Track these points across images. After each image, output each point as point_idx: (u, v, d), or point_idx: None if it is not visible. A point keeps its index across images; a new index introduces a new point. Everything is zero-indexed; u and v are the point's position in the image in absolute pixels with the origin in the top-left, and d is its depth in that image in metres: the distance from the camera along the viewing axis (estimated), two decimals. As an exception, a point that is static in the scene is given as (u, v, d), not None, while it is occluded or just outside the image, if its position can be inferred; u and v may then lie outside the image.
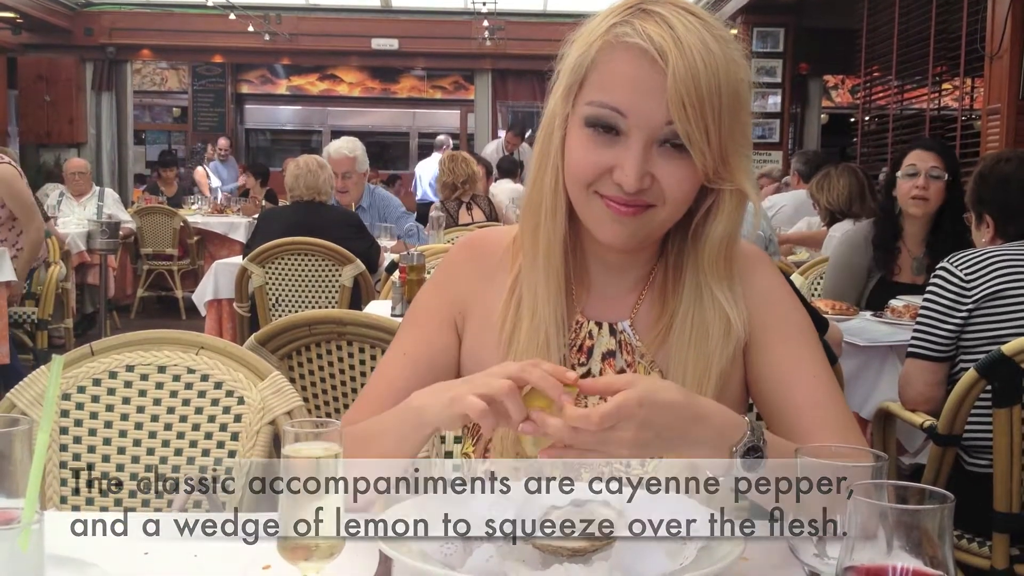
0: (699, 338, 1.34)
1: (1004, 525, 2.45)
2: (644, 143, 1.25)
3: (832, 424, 1.34)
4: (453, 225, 5.98)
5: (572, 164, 1.31)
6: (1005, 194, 2.94)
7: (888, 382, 3.16)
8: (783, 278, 1.48)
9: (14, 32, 12.99)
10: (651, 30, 1.24)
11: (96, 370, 1.80)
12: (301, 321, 2.59)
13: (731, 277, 1.36)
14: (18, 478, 0.99)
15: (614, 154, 1.27)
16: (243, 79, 16.88)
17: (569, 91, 1.31)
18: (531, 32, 13.26)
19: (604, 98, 1.27)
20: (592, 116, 1.28)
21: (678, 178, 1.28)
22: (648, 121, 1.25)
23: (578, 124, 1.30)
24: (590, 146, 1.29)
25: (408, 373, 1.43)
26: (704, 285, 1.35)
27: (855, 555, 0.85)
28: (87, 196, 8.48)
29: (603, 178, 1.29)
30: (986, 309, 2.68)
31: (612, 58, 1.27)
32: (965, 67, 7.08)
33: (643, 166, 1.26)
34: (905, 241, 3.78)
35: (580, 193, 1.32)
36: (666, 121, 1.24)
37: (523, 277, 1.39)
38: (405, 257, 3.57)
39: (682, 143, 1.25)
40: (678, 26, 1.24)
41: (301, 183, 4.95)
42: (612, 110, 1.26)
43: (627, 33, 1.25)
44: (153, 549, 1.24)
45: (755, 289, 1.41)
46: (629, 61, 1.25)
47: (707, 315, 1.35)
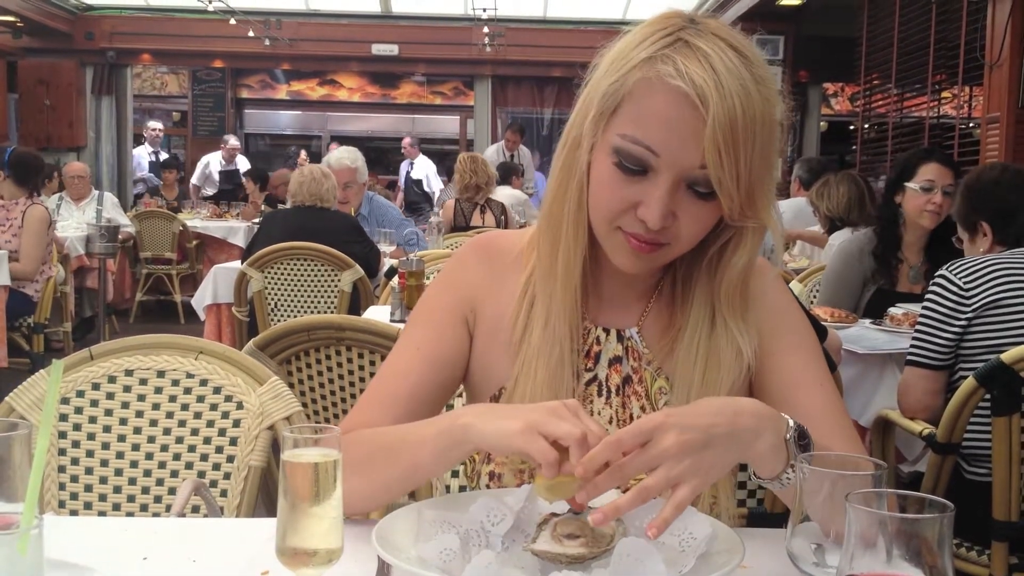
0: (708, 363, 1.34)
1: (1003, 533, 2.46)
2: (673, 183, 1.24)
3: (838, 433, 1.35)
4: (465, 225, 6.12)
5: (597, 199, 1.30)
6: (997, 198, 2.95)
7: (887, 390, 3.16)
8: (786, 286, 1.49)
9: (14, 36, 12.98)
10: (693, 72, 1.21)
11: (95, 374, 1.80)
12: (300, 326, 2.59)
13: (746, 307, 1.36)
14: (17, 482, 0.99)
15: (641, 190, 1.26)
16: (243, 84, 16.88)
17: (600, 118, 1.28)
18: (531, 38, 13.27)
19: (638, 134, 1.24)
20: (623, 149, 1.25)
21: (698, 218, 1.27)
22: (680, 163, 1.23)
23: (606, 152, 1.28)
24: (617, 180, 1.27)
25: (423, 368, 1.42)
26: (717, 313, 1.35)
27: (855, 564, 0.85)
28: (86, 200, 8.48)
29: (627, 213, 1.28)
30: (985, 317, 2.68)
31: (650, 95, 1.24)
32: (964, 75, 7.09)
33: (669, 205, 1.25)
34: (903, 250, 3.79)
35: (603, 227, 1.31)
36: (699, 165, 1.22)
37: (538, 282, 1.39)
38: (404, 263, 3.58)
39: (707, 190, 1.24)
40: (720, 67, 1.21)
41: (304, 189, 5.07)
42: (645, 148, 1.24)
43: (669, 73, 1.22)
44: (152, 554, 1.24)
45: (767, 304, 1.41)
46: (668, 102, 1.22)
47: (718, 342, 1.34)
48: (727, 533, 1.16)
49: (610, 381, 1.40)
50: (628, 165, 1.25)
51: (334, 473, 1.02)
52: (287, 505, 1.01)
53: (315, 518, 1.01)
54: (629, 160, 1.25)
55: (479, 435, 1.15)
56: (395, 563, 1.08)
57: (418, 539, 1.15)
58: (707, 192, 1.25)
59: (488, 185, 6.40)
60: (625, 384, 1.40)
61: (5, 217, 5.93)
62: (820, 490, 0.99)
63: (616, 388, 1.40)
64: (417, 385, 1.41)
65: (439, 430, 1.21)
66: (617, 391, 1.40)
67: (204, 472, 1.80)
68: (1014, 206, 2.92)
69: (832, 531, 0.99)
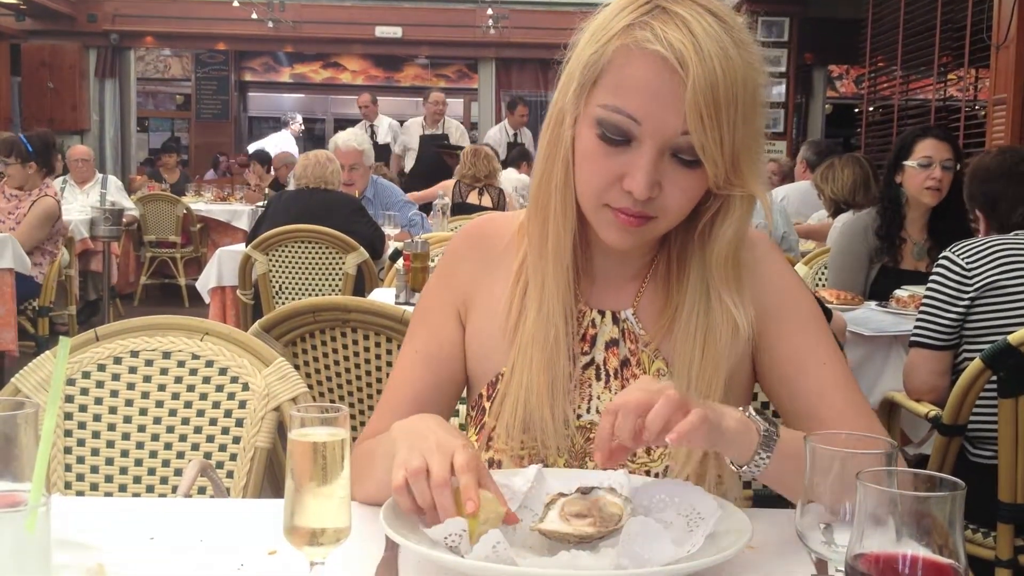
0: (707, 339, 1.33)
1: (1009, 515, 2.46)
2: (657, 151, 1.23)
3: (851, 409, 1.35)
4: (461, 203, 6.12)
5: (583, 174, 1.29)
6: (987, 185, 2.98)
7: (893, 372, 3.16)
8: (789, 265, 1.48)
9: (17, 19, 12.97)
10: (671, 36, 1.19)
11: (101, 355, 1.80)
12: (305, 308, 2.59)
13: (739, 278, 1.35)
14: (24, 462, 0.99)
15: (625, 160, 1.24)
16: (246, 67, 16.86)
17: (582, 90, 1.27)
18: (535, 21, 13.23)
19: (619, 103, 1.23)
20: (606, 120, 1.24)
21: (684, 188, 1.26)
22: (663, 130, 1.22)
23: (589, 124, 1.26)
24: (601, 152, 1.25)
25: (423, 371, 1.43)
26: (712, 287, 1.33)
27: (864, 542, 0.85)
28: (90, 183, 8.47)
29: (613, 186, 1.26)
30: (987, 298, 2.68)
31: (629, 62, 1.22)
32: (971, 57, 7.06)
33: (654, 174, 1.23)
34: (906, 227, 3.80)
35: (590, 203, 1.30)
36: (681, 131, 1.21)
37: (529, 266, 1.38)
38: (409, 245, 3.58)
39: (692, 158, 1.23)
40: (698, 31, 1.19)
41: (309, 172, 5.11)
42: (627, 116, 1.22)
43: (647, 39, 1.20)
44: (159, 534, 1.24)
45: (764, 277, 1.40)
46: (647, 68, 1.21)
47: (715, 317, 1.33)
48: (735, 513, 1.16)
49: (608, 364, 1.39)
50: (611, 136, 1.24)
51: (341, 452, 1.01)
52: (294, 485, 1.00)
53: (323, 497, 1.00)
54: (612, 130, 1.24)
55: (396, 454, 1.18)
56: (403, 543, 1.08)
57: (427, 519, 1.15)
58: (692, 160, 1.23)
59: (488, 177, 6.40)
60: (623, 367, 1.38)
61: (16, 206, 5.93)
62: (830, 469, 0.98)
63: (614, 371, 1.39)
64: (420, 390, 1.42)
65: (388, 447, 1.22)
66: (615, 374, 1.38)
67: (210, 453, 1.80)
68: (997, 193, 2.93)
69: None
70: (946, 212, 3.71)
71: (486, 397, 1.41)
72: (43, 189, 6.03)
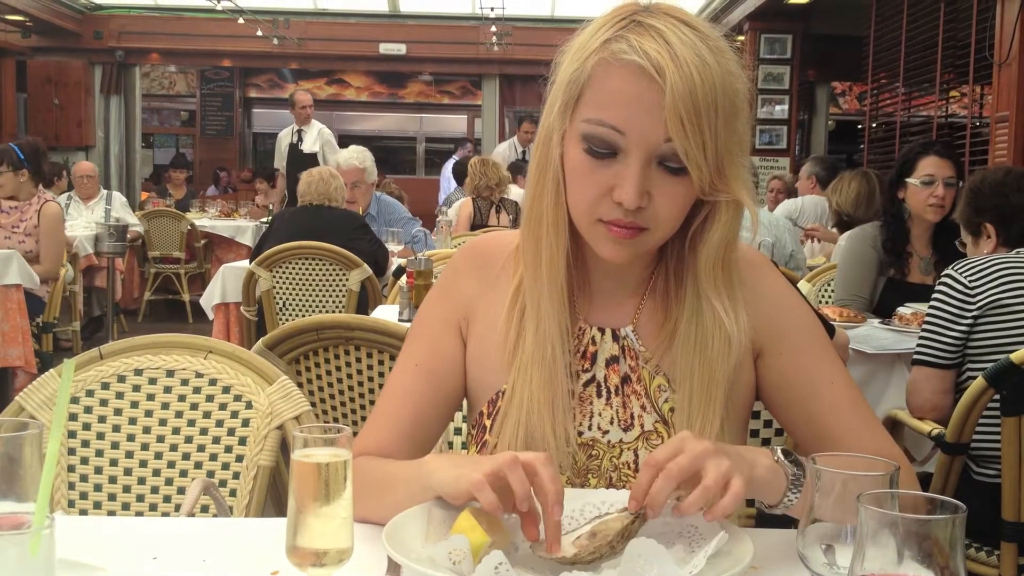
0: (702, 347, 1.34)
1: (1012, 534, 2.45)
2: (643, 160, 1.25)
3: (863, 426, 1.37)
4: (482, 224, 6.28)
5: (574, 190, 1.31)
6: (1002, 198, 2.96)
7: (896, 390, 3.16)
8: (788, 282, 1.48)
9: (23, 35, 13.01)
10: (647, 46, 1.23)
11: (105, 374, 1.81)
12: (309, 326, 2.60)
13: (730, 286, 1.35)
14: (28, 482, 0.99)
15: (614, 173, 1.26)
16: (251, 83, 16.92)
17: (566, 107, 1.30)
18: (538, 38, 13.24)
19: (602, 116, 1.26)
20: (591, 134, 1.27)
21: (672, 196, 1.27)
22: (647, 139, 1.24)
23: (575, 140, 1.29)
24: (589, 167, 1.28)
25: (421, 385, 1.43)
26: (702, 294, 1.35)
27: (866, 564, 0.85)
28: (95, 199, 8.50)
29: (604, 199, 1.28)
30: (990, 317, 2.67)
31: (608, 75, 1.26)
32: (974, 75, 7.07)
33: (642, 183, 1.25)
34: (912, 243, 3.81)
35: (583, 220, 1.32)
36: (665, 138, 1.23)
37: (526, 288, 1.39)
38: (413, 262, 3.58)
39: (678, 165, 1.25)
40: (674, 40, 1.23)
41: (313, 189, 5.13)
42: (611, 128, 1.25)
43: (623, 50, 1.24)
44: (162, 553, 1.24)
45: (764, 296, 1.41)
46: (626, 78, 1.24)
47: (707, 325, 1.34)
48: (737, 534, 1.16)
49: (609, 381, 1.40)
50: (597, 149, 1.27)
51: (344, 473, 1.02)
52: (297, 505, 1.01)
53: (325, 518, 1.01)
54: (597, 144, 1.26)
55: (438, 481, 1.19)
56: (405, 563, 1.08)
57: (428, 539, 1.15)
58: (678, 168, 1.25)
59: (500, 185, 6.51)
60: (624, 384, 1.39)
61: (19, 219, 5.87)
62: (832, 491, 0.99)
63: (615, 388, 1.39)
64: (418, 403, 1.43)
65: (411, 475, 1.25)
66: (616, 391, 1.39)
67: (213, 472, 1.80)
68: (1016, 207, 2.93)
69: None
70: (950, 227, 3.72)
71: (487, 415, 1.41)
72: (41, 196, 5.95)
